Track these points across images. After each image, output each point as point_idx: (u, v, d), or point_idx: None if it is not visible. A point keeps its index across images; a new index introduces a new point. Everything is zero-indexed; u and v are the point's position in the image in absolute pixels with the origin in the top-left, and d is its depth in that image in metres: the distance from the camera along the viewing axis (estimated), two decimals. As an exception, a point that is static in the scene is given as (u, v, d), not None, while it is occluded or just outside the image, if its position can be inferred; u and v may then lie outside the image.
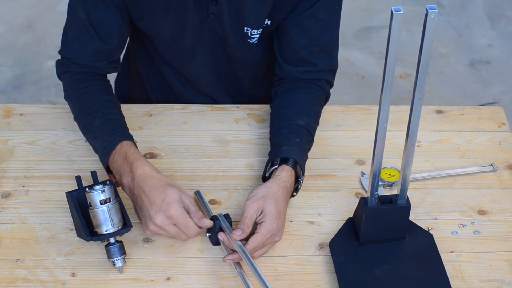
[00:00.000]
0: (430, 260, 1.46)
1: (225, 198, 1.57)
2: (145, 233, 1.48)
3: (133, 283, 1.42)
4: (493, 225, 1.55)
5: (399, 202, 1.44)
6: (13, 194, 1.56)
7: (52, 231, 1.50)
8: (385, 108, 1.29)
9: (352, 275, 1.43)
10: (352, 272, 1.44)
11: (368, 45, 3.38)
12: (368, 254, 1.46)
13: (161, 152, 1.66)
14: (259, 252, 1.44)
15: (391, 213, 1.45)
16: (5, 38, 3.34)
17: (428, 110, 1.78)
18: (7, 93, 3.11)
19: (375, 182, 1.40)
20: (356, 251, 1.47)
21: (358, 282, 1.42)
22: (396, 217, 1.46)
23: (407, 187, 1.42)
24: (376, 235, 1.47)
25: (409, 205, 1.44)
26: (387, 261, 1.46)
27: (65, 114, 1.72)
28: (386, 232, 1.47)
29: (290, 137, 1.56)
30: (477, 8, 3.62)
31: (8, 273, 1.43)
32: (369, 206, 1.43)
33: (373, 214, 1.44)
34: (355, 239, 1.48)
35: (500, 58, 3.36)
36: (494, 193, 1.61)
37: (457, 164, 1.66)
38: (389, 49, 1.22)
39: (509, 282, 1.44)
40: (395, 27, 1.19)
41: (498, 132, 1.74)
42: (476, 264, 1.47)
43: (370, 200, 1.42)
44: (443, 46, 3.40)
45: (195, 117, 1.73)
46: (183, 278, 1.43)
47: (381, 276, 1.43)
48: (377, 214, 1.44)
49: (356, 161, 1.66)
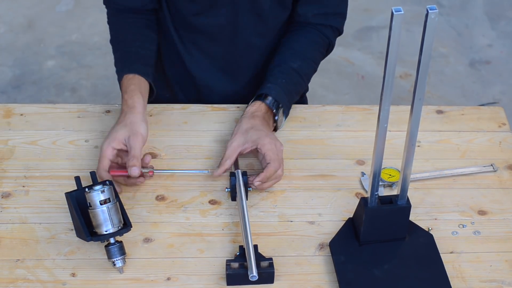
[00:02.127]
0: (430, 261, 1.46)
1: (225, 198, 1.57)
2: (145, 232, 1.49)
3: (133, 283, 1.42)
4: (493, 225, 1.55)
5: (399, 202, 1.44)
6: (13, 194, 1.56)
7: (52, 231, 1.50)
8: (385, 108, 1.29)
9: (352, 275, 1.43)
10: (352, 272, 1.44)
11: (368, 45, 3.38)
12: (368, 254, 1.46)
13: (161, 152, 1.66)
14: (267, 184, 1.57)
15: (391, 213, 1.45)
16: (5, 38, 3.34)
17: (428, 110, 1.78)
18: (7, 93, 3.12)
19: (375, 182, 1.40)
20: (356, 251, 1.47)
21: (358, 282, 1.42)
22: (396, 217, 1.46)
23: (407, 188, 1.42)
24: (376, 235, 1.47)
25: (409, 205, 1.44)
26: (387, 261, 1.46)
27: (65, 114, 1.72)
28: (386, 232, 1.47)
29: (278, 76, 1.68)
30: (477, 8, 3.62)
31: (8, 273, 1.43)
32: (369, 207, 1.43)
33: (373, 215, 1.44)
34: (355, 239, 1.48)
35: (500, 58, 3.36)
36: (494, 193, 1.61)
37: (457, 164, 1.66)
38: (389, 49, 1.22)
39: (509, 282, 1.44)
40: (396, 28, 1.19)
41: (498, 132, 1.74)
42: (476, 264, 1.47)
43: (370, 201, 1.42)
44: (443, 46, 3.40)
45: (195, 117, 1.73)
46: (183, 278, 1.43)
47: (381, 276, 1.43)
48: (377, 215, 1.44)
49: (356, 161, 1.66)
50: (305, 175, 1.62)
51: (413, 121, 1.33)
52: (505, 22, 3.55)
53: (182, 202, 1.56)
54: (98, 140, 1.67)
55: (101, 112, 1.74)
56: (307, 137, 1.71)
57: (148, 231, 1.51)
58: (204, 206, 1.56)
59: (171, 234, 1.50)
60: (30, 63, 3.21)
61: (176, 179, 1.59)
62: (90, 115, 1.73)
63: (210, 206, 1.55)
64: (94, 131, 1.69)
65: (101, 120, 1.72)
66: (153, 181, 1.59)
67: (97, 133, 1.69)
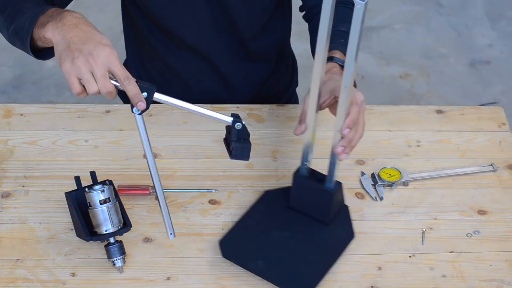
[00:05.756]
0: (329, 251, 1.45)
1: (225, 198, 1.57)
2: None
3: (133, 283, 1.42)
4: (493, 225, 1.55)
5: (326, 185, 1.44)
6: (13, 194, 1.56)
7: (52, 231, 1.50)
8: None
9: (253, 222, 1.47)
10: (254, 220, 1.47)
11: (368, 45, 3.38)
12: (284, 217, 1.48)
13: (161, 152, 1.66)
14: (354, 139, 1.40)
15: (315, 191, 1.45)
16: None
17: (428, 110, 1.78)
18: (7, 93, 3.12)
19: (306, 151, 1.43)
20: (280, 210, 1.49)
21: (252, 231, 1.45)
22: (320, 198, 1.46)
23: (334, 172, 1.43)
24: (302, 205, 1.48)
25: (333, 191, 1.44)
26: (294, 230, 1.46)
27: (65, 114, 1.72)
28: (312, 208, 1.48)
29: (334, 39, 1.53)
30: (477, 8, 3.62)
31: (8, 273, 1.43)
32: (297, 174, 1.46)
33: (299, 183, 1.46)
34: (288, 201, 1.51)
35: (500, 58, 3.36)
36: (494, 193, 1.61)
37: (457, 164, 1.66)
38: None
39: (509, 282, 1.44)
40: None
41: (498, 132, 1.74)
42: (476, 264, 1.47)
43: (301, 169, 1.45)
44: (443, 46, 3.40)
45: (195, 117, 1.73)
46: (183, 278, 1.43)
47: (274, 239, 1.44)
48: (303, 185, 1.46)
49: (356, 161, 1.66)
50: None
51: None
52: (505, 22, 3.55)
53: (182, 202, 1.56)
54: (98, 140, 1.67)
55: (101, 112, 1.74)
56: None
57: (148, 231, 1.51)
58: (204, 206, 1.56)
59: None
60: (30, 63, 3.21)
61: (176, 179, 1.59)
62: (90, 115, 1.73)
63: (210, 206, 1.55)
64: (94, 131, 1.69)
65: (101, 120, 1.72)
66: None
67: (97, 133, 1.69)
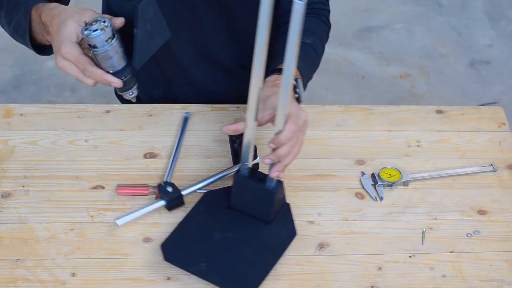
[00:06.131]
0: (271, 250, 1.45)
1: (225, 198, 1.57)
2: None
3: (133, 283, 1.42)
4: (493, 225, 1.55)
5: (267, 184, 1.44)
6: (13, 194, 1.56)
7: (52, 231, 1.50)
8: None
9: (194, 223, 1.46)
10: (195, 221, 1.46)
11: (368, 45, 3.38)
12: (226, 217, 1.47)
13: (161, 152, 1.66)
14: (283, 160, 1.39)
15: (256, 191, 1.45)
16: (5, 38, 3.32)
17: (428, 110, 1.78)
18: (7, 93, 3.12)
19: (246, 152, 1.42)
20: (221, 210, 1.48)
21: (194, 232, 1.44)
22: (262, 197, 1.45)
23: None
24: (243, 205, 1.48)
25: (274, 190, 1.44)
26: (236, 231, 1.46)
27: (65, 114, 1.72)
28: (253, 208, 1.47)
29: None
30: (477, 8, 3.62)
31: (8, 273, 1.43)
32: (238, 174, 1.45)
33: (240, 182, 1.46)
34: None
35: (500, 58, 3.36)
36: (494, 193, 1.61)
37: (457, 164, 1.66)
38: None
39: (509, 282, 1.44)
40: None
41: (498, 132, 1.74)
42: (476, 264, 1.47)
43: (242, 169, 1.45)
44: (443, 46, 3.40)
45: (195, 117, 1.73)
46: (183, 278, 1.43)
47: (216, 240, 1.44)
48: (244, 184, 1.45)
49: (356, 161, 1.66)
50: (305, 175, 1.62)
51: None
52: (505, 22, 3.55)
53: (182, 202, 1.56)
54: (98, 140, 1.67)
55: (101, 112, 1.74)
56: (307, 137, 1.70)
57: (148, 231, 1.51)
58: (204, 206, 1.56)
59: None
60: (30, 63, 3.21)
61: (175, 179, 1.59)
62: (90, 115, 1.73)
63: (210, 206, 1.55)
64: (94, 131, 1.69)
65: (101, 120, 1.72)
66: (153, 181, 1.59)
67: (97, 133, 1.69)
